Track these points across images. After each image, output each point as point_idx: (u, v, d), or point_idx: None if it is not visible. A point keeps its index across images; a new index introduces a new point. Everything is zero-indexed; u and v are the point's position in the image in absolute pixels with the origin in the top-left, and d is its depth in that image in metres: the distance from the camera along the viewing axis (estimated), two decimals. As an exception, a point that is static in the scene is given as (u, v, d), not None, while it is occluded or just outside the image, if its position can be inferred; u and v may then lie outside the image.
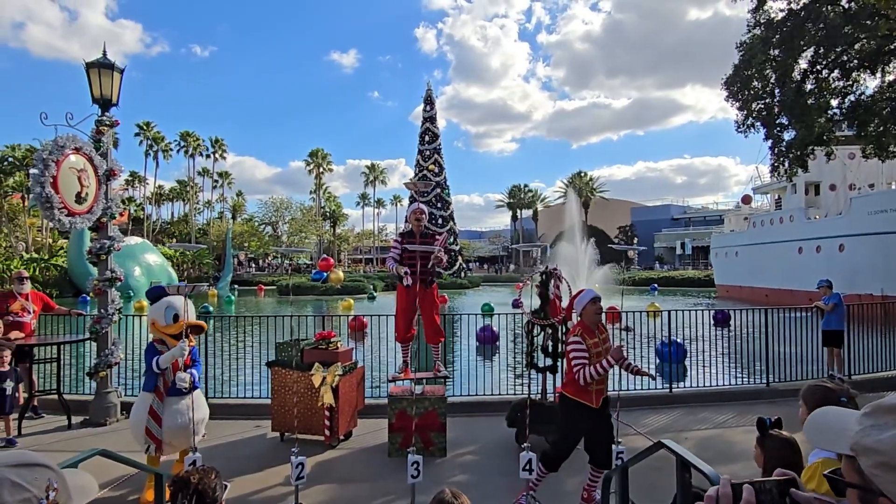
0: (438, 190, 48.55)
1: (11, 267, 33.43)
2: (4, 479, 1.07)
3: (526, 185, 77.01)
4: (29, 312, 7.44)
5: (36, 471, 1.13)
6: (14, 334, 7.13)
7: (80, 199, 6.75)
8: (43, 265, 37.76)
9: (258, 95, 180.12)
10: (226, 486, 2.18)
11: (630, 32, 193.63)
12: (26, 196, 47.67)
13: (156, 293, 5.24)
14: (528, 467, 4.23)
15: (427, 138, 50.99)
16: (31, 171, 6.39)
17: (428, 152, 50.60)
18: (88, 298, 25.78)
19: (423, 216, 6.14)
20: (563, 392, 4.66)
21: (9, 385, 6.35)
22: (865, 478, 0.86)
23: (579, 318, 4.74)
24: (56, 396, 7.36)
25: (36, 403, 7.45)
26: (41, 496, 1.10)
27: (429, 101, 51.72)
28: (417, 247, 5.90)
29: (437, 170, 49.72)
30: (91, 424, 7.11)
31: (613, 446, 4.37)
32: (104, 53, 7.43)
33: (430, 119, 51.36)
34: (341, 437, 6.35)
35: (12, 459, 1.13)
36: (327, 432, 6.15)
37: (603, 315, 4.74)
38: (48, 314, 8.05)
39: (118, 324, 7.71)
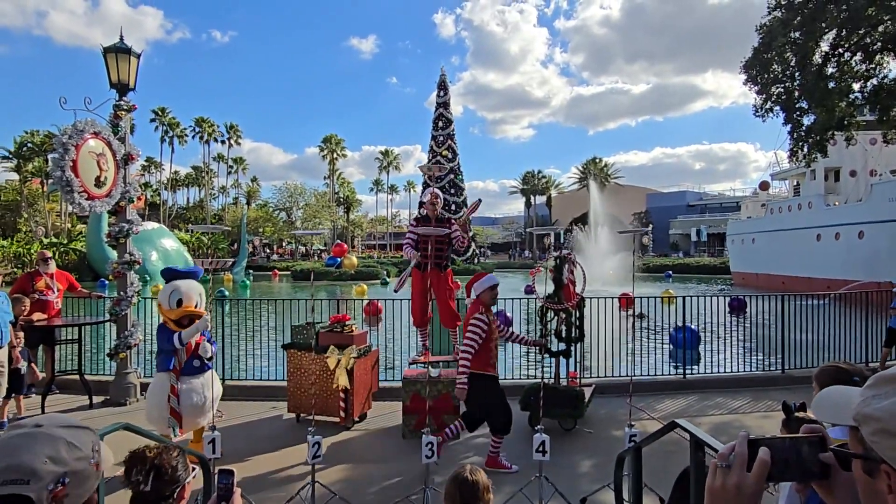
0: (452, 176, 48.38)
1: (32, 250, 34.01)
2: (60, 438, 1.13)
3: (540, 171, 76.25)
4: (54, 291, 7.57)
5: (83, 433, 1.20)
6: (37, 315, 7.27)
7: (99, 182, 6.84)
8: (62, 249, 38.34)
9: (277, 82, 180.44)
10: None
11: (650, 16, 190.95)
12: (45, 181, 48.36)
13: (169, 273, 5.37)
14: (541, 449, 4.26)
15: (441, 124, 50.69)
16: (52, 155, 6.47)
17: (441, 138, 50.33)
18: (107, 283, 26.15)
19: (438, 200, 6.14)
20: (475, 371, 4.97)
21: (23, 365, 6.45)
22: (866, 446, 0.88)
23: (477, 298, 5.25)
24: (77, 377, 7.54)
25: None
26: (90, 456, 1.17)
27: (442, 87, 51.34)
28: (428, 230, 5.86)
29: (450, 155, 49.53)
30: (111, 404, 7.28)
31: (626, 429, 4.38)
32: (121, 38, 7.48)
33: (443, 104, 51.01)
34: (356, 419, 6.43)
35: (61, 421, 1.19)
36: (342, 414, 6.23)
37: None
38: (72, 294, 8.20)
39: (137, 306, 7.84)
